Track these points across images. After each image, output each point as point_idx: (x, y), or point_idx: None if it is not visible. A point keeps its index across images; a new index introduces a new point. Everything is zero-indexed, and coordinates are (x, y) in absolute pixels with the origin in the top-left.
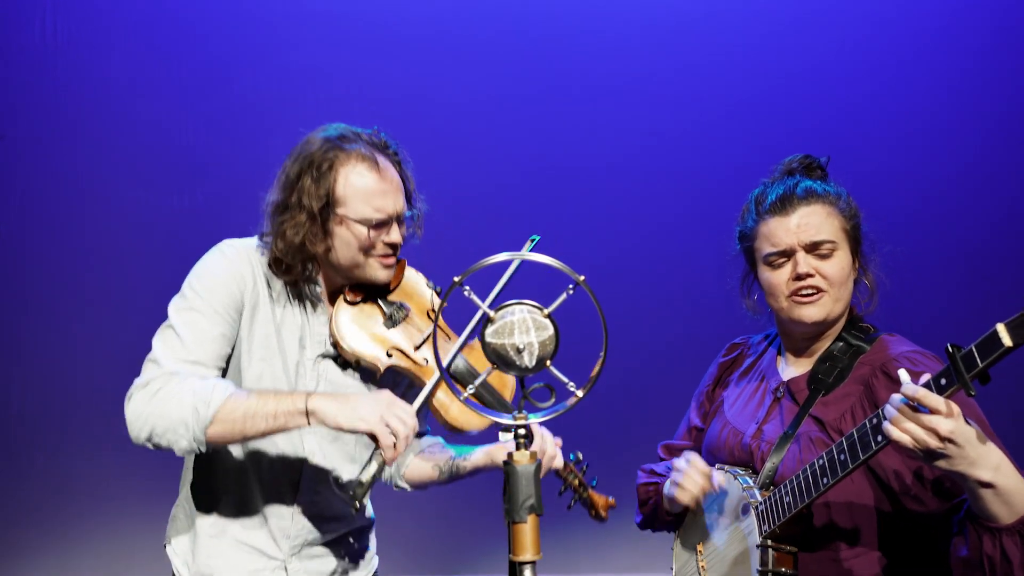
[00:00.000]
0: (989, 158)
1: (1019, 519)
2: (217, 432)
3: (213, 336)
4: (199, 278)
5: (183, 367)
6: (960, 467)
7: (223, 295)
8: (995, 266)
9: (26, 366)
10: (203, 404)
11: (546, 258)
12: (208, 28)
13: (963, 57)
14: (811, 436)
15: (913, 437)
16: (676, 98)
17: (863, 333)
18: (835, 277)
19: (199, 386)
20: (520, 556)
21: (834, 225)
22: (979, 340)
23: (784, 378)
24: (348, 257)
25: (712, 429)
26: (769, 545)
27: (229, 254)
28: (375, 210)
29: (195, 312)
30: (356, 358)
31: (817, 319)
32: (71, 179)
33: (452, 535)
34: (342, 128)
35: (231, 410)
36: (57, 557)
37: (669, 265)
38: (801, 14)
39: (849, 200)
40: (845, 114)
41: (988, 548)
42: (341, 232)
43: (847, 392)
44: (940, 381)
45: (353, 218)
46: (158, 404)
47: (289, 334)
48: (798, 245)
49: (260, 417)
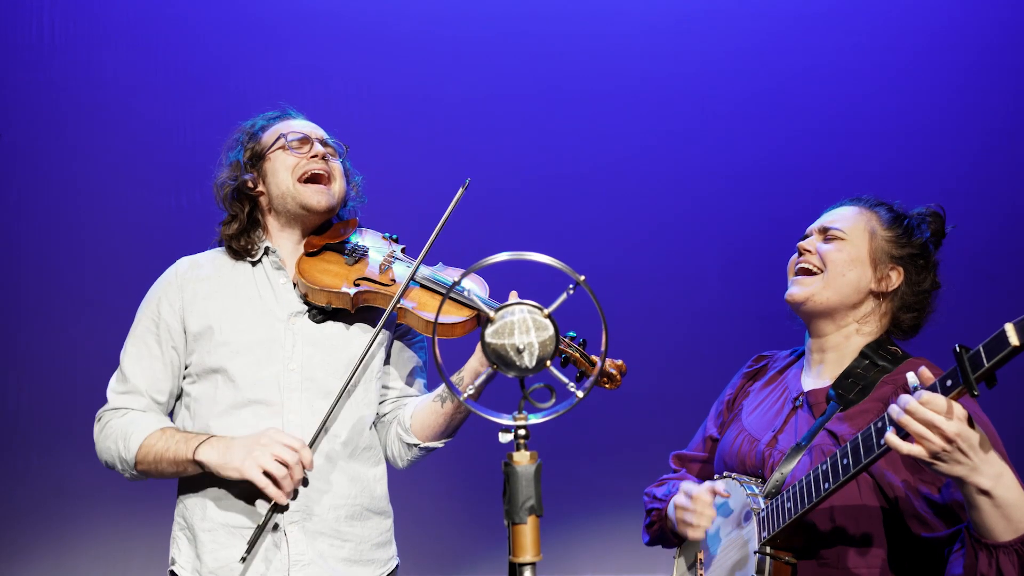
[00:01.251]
0: (995, 158)
1: (1018, 537)
2: (143, 469)
3: (146, 358)
4: (140, 309)
5: (121, 399)
6: (961, 472)
7: (153, 312)
8: (1002, 268)
9: (20, 365)
10: (124, 448)
11: (546, 258)
12: (205, 27)
13: (969, 56)
14: (823, 449)
15: (918, 437)
16: (678, 98)
17: (890, 355)
18: (829, 260)
19: (125, 429)
20: (520, 558)
21: (858, 224)
22: (987, 340)
23: (804, 388)
24: (279, 185)
25: (727, 436)
26: (768, 553)
27: (163, 275)
28: (292, 131)
29: (131, 338)
30: (327, 299)
31: (798, 298)
32: (67, 178)
33: (451, 536)
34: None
35: (145, 455)
36: (53, 558)
37: (670, 265)
38: (804, 14)
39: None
40: (848, 115)
41: (983, 566)
42: (268, 167)
43: (866, 409)
44: (946, 382)
45: (274, 146)
46: (102, 442)
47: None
48: (816, 228)
49: (165, 463)
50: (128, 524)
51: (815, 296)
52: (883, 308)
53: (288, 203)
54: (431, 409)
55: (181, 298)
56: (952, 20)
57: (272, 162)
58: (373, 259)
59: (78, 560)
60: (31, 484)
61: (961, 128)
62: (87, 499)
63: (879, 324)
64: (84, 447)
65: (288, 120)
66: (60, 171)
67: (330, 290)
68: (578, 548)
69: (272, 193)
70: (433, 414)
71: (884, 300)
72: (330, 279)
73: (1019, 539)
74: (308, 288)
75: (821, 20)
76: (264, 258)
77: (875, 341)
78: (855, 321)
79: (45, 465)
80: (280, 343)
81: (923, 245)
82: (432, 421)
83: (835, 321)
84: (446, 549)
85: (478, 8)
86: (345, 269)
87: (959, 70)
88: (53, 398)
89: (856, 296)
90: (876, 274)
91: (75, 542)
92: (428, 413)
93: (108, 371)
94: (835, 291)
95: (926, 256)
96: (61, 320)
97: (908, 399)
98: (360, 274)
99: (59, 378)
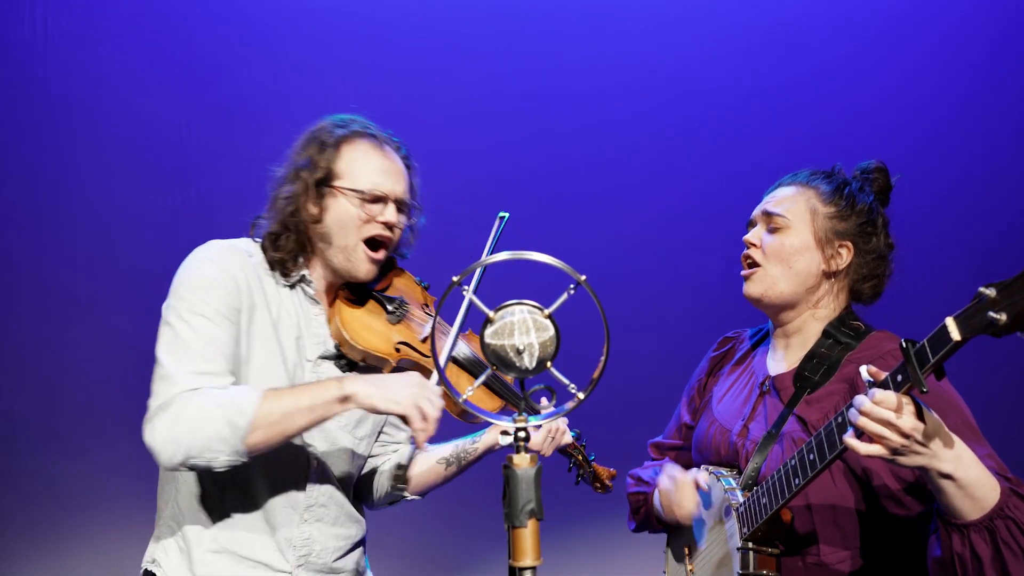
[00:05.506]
0: (998, 157)
1: (986, 514)
2: (257, 439)
3: (223, 341)
4: (192, 281)
5: (198, 380)
6: (921, 461)
7: (223, 296)
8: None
9: (15, 367)
10: (237, 414)
11: (547, 258)
12: (199, 23)
13: (972, 55)
14: (794, 437)
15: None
16: (679, 97)
17: (853, 331)
18: (775, 252)
19: (224, 398)
20: (520, 561)
21: (799, 206)
22: (930, 335)
23: (771, 372)
24: (338, 233)
25: (700, 426)
26: (750, 548)
27: (218, 255)
28: (373, 185)
29: (201, 317)
30: (363, 356)
31: (753, 295)
32: (60, 176)
33: (451, 540)
34: (357, 118)
35: (267, 414)
36: (46, 561)
37: (672, 264)
38: (807, 13)
39: (847, 198)
40: (851, 114)
41: (958, 547)
42: (335, 204)
43: (832, 391)
44: (896, 378)
45: (349, 187)
46: (186, 425)
47: (286, 335)
48: (759, 214)
49: (298, 413)
50: (121, 527)
51: (768, 291)
52: (838, 286)
53: (338, 256)
54: (434, 471)
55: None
56: (959, 19)
57: (339, 201)
58: (414, 318)
59: (70, 563)
60: (23, 487)
61: (967, 127)
62: (79, 502)
63: (836, 302)
64: (77, 449)
65: (368, 147)
66: (52, 169)
67: (372, 352)
68: (579, 552)
69: (329, 230)
70: (434, 474)
71: (837, 278)
72: (374, 340)
73: (987, 516)
74: (348, 343)
75: (825, 19)
76: (299, 284)
77: (836, 319)
78: (813, 306)
79: (38, 468)
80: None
81: (868, 210)
82: (430, 480)
83: (794, 308)
84: (445, 553)
85: (478, 8)
86: (387, 328)
87: (966, 69)
88: (46, 400)
89: (811, 280)
90: (825, 254)
91: (67, 545)
92: (429, 473)
93: (103, 372)
94: (787, 283)
95: (873, 221)
96: (54, 321)
97: (862, 400)
98: (402, 338)
99: (52, 380)
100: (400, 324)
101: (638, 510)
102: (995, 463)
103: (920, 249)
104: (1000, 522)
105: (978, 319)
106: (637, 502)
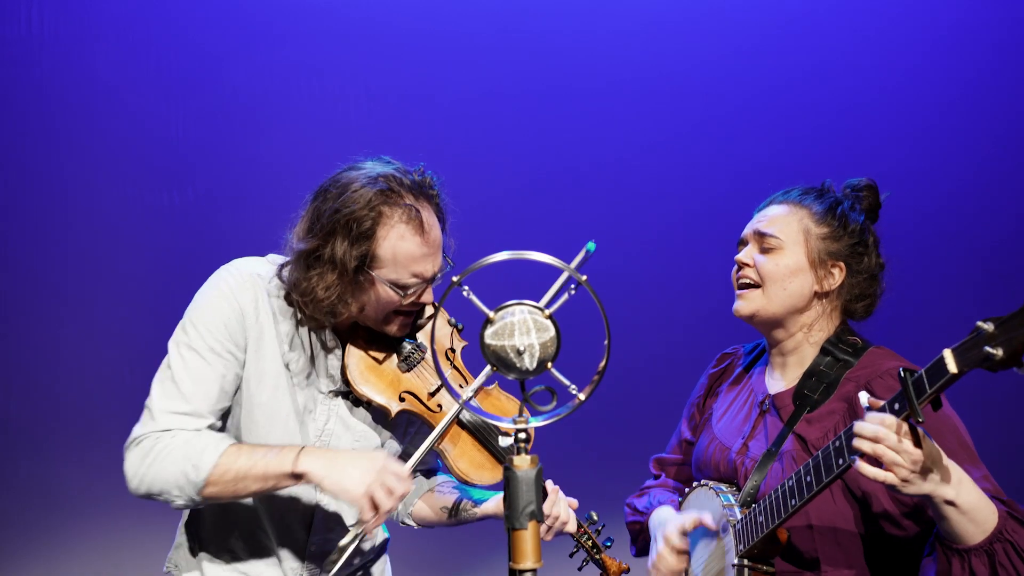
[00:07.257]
0: (1001, 156)
1: (986, 538)
2: (211, 493)
3: (211, 379)
4: (199, 312)
5: (175, 420)
6: (928, 489)
7: (225, 333)
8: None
9: (9, 369)
10: (193, 469)
11: (547, 257)
12: (196, 22)
13: (975, 56)
14: (793, 455)
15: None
16: (681, 98)
17: (851, 347)
18: (768, 274)
19: (189, 448)
20: (520, 564)
21: (792, 227)
22: (928, 366)
23: (770, 391)
24: (375, 316)
25: (700, 443)
26: (745, 564)
27: (231, 284)
28: (412, 275)
29: (193, 352)
30: (368, 400)
31: (744, 314)
32: (54, 175)
33: (450, 541)
34: (387, 172)
35: (223, 473)
36: (42, 564)
37: (673, 265)
38: (809, 13)
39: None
40: (853, 116)
41: (957, 571)
42: (374, 292)
43: (832, 409)
44: (894, 406)
45: (389, 279)
46: (151, 464)
47: (299, 368)
48: (751, 234)
49: (251, 479)
50: (117, 529)
51: (760, 311)
52: (831, 306)
53: (370, 321)
54: (436, 512)
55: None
56: (962, 19)
57: (381, 290)
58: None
59: (67, 566)
60: (20, 490)
61: (968, 128)
62: (76, 505)
63: (830, 322)
64: (73, 453)
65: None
66: (47, 168)
67: (373, 399)
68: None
69: (366, 314)
70: (435, 515)
71: (829, 298)
72: (379, 386)
73: (987, 539)
74: (353, 385)
75: (829, 19)
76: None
77: (834, 335)
78: (806, 326)
79: (34, 471)
80: (313, 416)
81: (861, 230)
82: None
83: (786, 328)
84: (445, 554)
85: (478, 7)
86: (395, 375)
87: (968, 69)
88: (41, 403)
89: (802, 301)
90: (817, 275)
91: (64, 548)
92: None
93: (99, 375)
94: (779, 304)
95: (865, 241)
96: (49, 323)
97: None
98: (410, 387)
99: (48, 383)
100: (412, 372)
101: (636, 538)
102: (990, 485)
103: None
104: (999, 545)
105: (975, 353)
106: (635, 531)
